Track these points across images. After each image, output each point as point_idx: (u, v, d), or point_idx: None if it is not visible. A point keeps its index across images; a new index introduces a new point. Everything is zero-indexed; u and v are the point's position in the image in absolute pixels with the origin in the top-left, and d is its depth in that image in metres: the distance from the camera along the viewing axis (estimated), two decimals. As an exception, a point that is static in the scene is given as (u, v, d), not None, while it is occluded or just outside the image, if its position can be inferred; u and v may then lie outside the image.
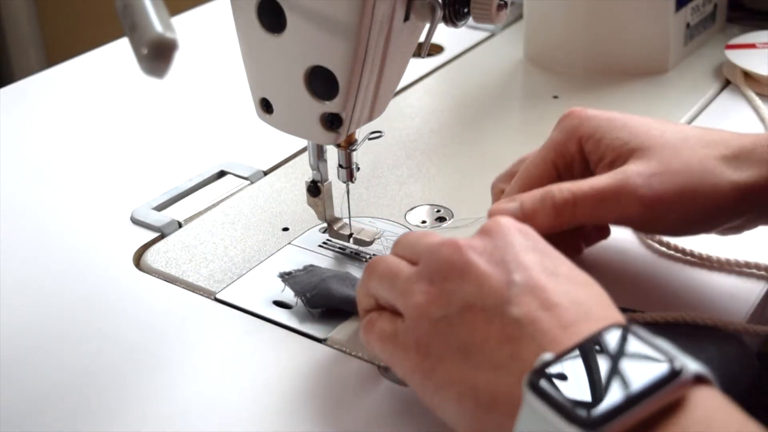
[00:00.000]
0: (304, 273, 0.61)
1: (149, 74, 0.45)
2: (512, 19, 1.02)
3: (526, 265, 0.46)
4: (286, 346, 0.57)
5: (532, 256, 0.47)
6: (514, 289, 0.45)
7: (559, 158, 0.58)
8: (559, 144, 0.59)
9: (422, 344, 0.46)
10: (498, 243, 0.48)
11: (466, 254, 0.47)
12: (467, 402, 0.44)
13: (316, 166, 0.63)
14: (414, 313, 0.47)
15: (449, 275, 0.47)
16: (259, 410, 0.52)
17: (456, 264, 0.47)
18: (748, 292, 0.60)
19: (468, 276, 0.46)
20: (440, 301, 0.46)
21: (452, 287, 0.46)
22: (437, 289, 0.47)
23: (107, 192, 0.74)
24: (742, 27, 0.97)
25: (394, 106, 0.85)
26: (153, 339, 0.58)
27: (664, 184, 0.54)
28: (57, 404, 0.53)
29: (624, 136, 0.56)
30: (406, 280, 0.48)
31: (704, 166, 0.55)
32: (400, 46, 0.57)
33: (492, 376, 0.44)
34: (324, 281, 0.59)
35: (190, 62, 0.95)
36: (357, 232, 0.65)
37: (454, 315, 0.46)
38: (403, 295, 0.48)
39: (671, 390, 0.39)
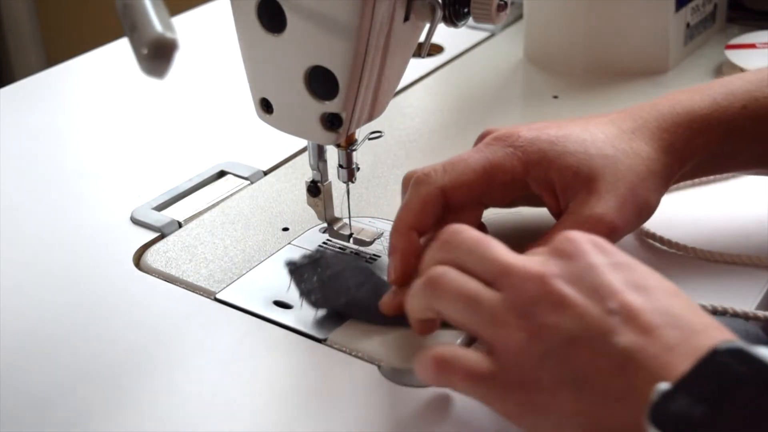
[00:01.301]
0: (309, 264, 0.59)
1: (149, 74, 0.45)
2: (512, 19, 1.02)
3: (616, 287, 0.45)
4: (286, 346, 0.57)
5: (617, 276, 0.46)
6: (613, 318, 0.44)
7: (498, 174, 0.58)
8: (502, 162, 0.58)
9: (530, 381, 0.45)
10: (580, 265, 0.46)
11: (556, 286, 0.45)
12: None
13: (316, 166, 0.63)
14: (514, 349, 0.45)
15: (544, 310, 0.45)
16: (259, 410, 0.52)
17: (548, 298, 0.45)
18: (754, 285, 0.60)
19: (564, 309, 0.45)
20: (542, 336, 0.45)
21: (551, 321, 0.45)
22: (535, 324, 0.45)
23: (107, 192, 0.74)
24: (742, 27, 0.97)
25: (394, 106, 0.85)
26: (153, 339, 0.58)
27: (628, 212, 0.57)
28: (57, 404, 0.53)
29: (572, 165, 0.58)
30: (493, 312, 0.46)
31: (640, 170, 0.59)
32: (400, 46, 0.57)
33: (610, 408, 0.43)
34: (332, 281, 0.58)
35: (190, 62, 0.95)
36: (357, 232, 0.65)
37: (558, 349, 0.44)
38: (494, 327, 0.46)
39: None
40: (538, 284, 0.46)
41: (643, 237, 0.65)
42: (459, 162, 0.58)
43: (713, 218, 0.67)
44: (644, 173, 0.58)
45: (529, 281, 0.46)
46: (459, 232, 0.50)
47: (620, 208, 0.57)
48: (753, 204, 0.68)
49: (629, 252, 0.63)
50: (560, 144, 0.58)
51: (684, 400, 0.40)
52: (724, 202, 0.69)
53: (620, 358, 0.43)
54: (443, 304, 0.49)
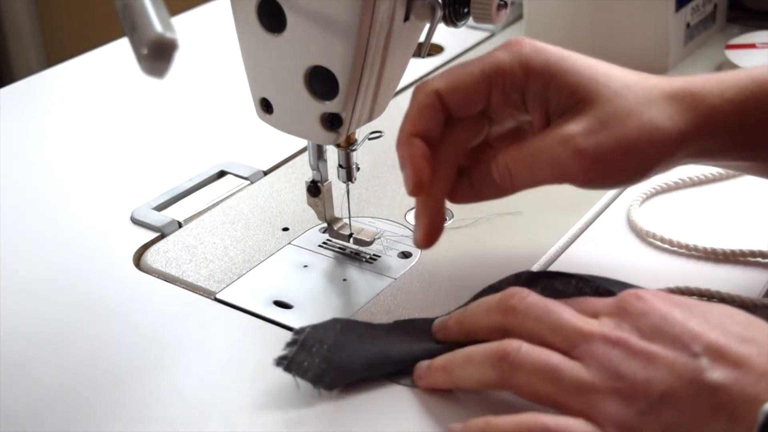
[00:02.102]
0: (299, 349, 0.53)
1: (149, 74, 0.45)
2: (512, 19, 1.01)
3: (696, 331, 0.45)
4: (286, 346, 0.57)
5: (693, 320, 0.46)
6: (702, 360, 0.44)
7: (498, 77, 0.55)
8: (503, 64, 0.55)
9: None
10: (655, 320, 0.46)
11: (639, 345, 0.46)
12: None
13: (316, 166, 0.63)
14: (612, 413, 0.45)
15: (632, 369, 0.45)
16: (259, 410, 0.52)
17: (634, 358, 0.45)
18: (756, 282, 0.60)
19: (653, 363, 0.45)
20: (637, 394, 0.45)
21: (642, 378, 0.45)
22: (628, 385, 0.45)
23: (107, 192, 0.74)
24: (742, 27, 0.97)
25: (394, 106, 0.85)
26: (153, 339, 0.58)
27: (603, 141, 0.53)
28: (57, 404, 0.53)
29: (571, 84, 0.54)
30: (580, 380, 0.46)
31: (644, 116, 0.53)
32: (400, 46, 0.57)
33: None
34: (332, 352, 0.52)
35: (190, 62, 0.95)
36: (357, 232, 0.65)
37: (656, 403, 0.44)
38: (583, 394, 0.46)
39: None
40: (621, 347, 0.46)
41: (645, 237, 0.65)
42: (458, 66, 0.56)
43: (714, 217, 0.67)
44: (649, 127, 0.53)
45: (612, 346, 0.46)
46: (525, 297, 0.50)
47: (598, 138, 0.53)
48: (753, 203, 0.68)
49: (630, 250, 0.64)
50: (568, 61, 0.55)
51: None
52: (724, 202, 0.69)
53: (718, 394, 0.43)
54: (521, 378, 0.47)
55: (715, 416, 0.43)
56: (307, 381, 0.51)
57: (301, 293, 0.61)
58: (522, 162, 0.54)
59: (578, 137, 0.53)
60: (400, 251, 0.65)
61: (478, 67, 0.55)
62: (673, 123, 0.54)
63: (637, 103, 0.54)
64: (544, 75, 0.54)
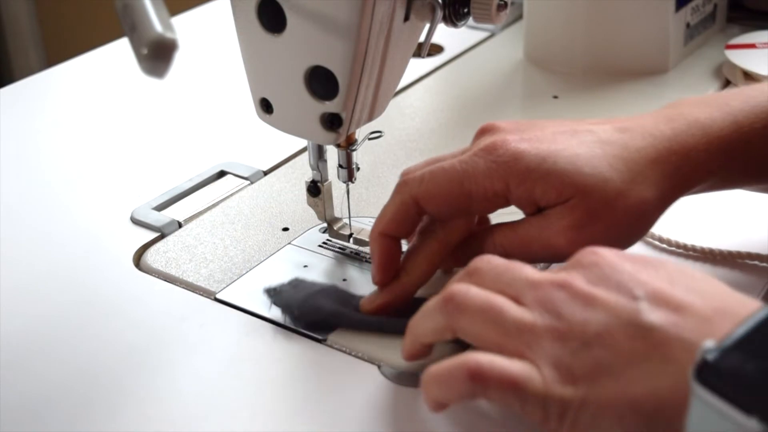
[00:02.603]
0: (290, 288, 0.59)
1: (149, 74, 0.46)
2: (512, 19, 1.02)
3: (643, 280, 0.46)
4: (286, 346, 0.57)
5: (645, 273, 0.46)
6: (641, 302, 0.44)
7: (476, 188, 0.55)
8: (480, 176, 0.55)
9: (567, 380, 0.45)
10: (604, 270, 0.47)
11: (584, 287, 0.46)
12: (630, 418, 0.43)
13: (316, 166, 0.63)
14: (548, 354, 0.45)
15: (572, 310, 0.46)
16: (259, 410, 0.52)
17: (575, 299, 0.46)
18: (755, 283, 0.60)
19: (592, 305, 0.45)
20: (573, 333, 0.45)
21: (581, 318, 0.45)
22: (566, 324, 0.45)
23: (107, 192, 0.74)
24: (742, 27, 0.97)
25: (394, 106, 0.85)
26: (153, 339, 0.58)
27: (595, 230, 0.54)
28: (57, 403, 0.53)
29: (556, 186, 0.54)
30: (521, 321, 0.46)
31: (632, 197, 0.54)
32: (400, 46, 0.57)
33: (649, 386, 0.43)
34: (312, 297, 0.58)
35: (190, 62, 0.95)
36: (357, 232, 0.65)
37: (592, 342, 0.45)
38: (523, 335, 0.46)
39: None
40: (564, 289, 0.46)
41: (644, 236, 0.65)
42: (439, 172, 0.56)
43: (714, 217, 0.67)
44: (636, 205, 0.55)
45: (555, 288, 0.47)
46: (491, 260, 0.51)
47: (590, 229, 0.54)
48: (753, 203, 0.68)
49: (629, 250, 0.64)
50: (549, 161, 0.55)
51: (733, 356, 0.38)
52: (724, 202, 0.69)
53: (654, 335, 0.43)
54: (465, 320, 0.48)
55: (647, 357, 0.43)
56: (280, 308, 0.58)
57: (301, 293, 0.61)
58: (516, 245, 0.56)
59: (570, 231, 0.54)
60: (400, 251, 0.65)
61: (458, 176, 0.56)
62: (660, 190, 0.55)
63: (623, 183, 0.55)
64: (527, 183, 0.55)
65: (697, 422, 0.38)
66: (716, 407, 0.37)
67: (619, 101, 0.85)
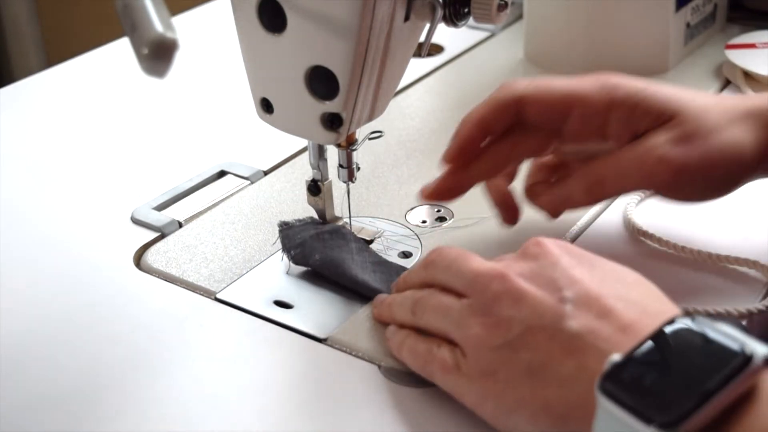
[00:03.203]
0: (300, 226, 0.64)
1: (150, 74, 0.46)
2: (512, 19, 1.02)
3: (576, 278, 0.48)
4: (286, 346, 0.57)
5: (579, 270, 0.48)
6: (567, 304, 0.46)
7: (580, 103, 0.58)
8: (587, 92, 0.58)
9: (488, 372, 0.48)
10: (543, 263, 0.49)
11: (517, 282, 0.48)
12: (542, 418, 0.46)
13: (317, 165, 0.63)
14: (473, 343, 0.49)
15: (503, 304, 0.48)
16: (259, 410, 0.52)
17: (508, 293, 0.48)
18: (750, 288, 0.60)
19: (522, 302, 0.47)
20: (499, 329, 0.48)
21: (509, 314, 0.48)
22: (494, 319, 0.48)
23: (107, 192, 0.74)
24: (742, 27, 0.97)
25: (394, 106, 0.85)
26: (153, 339, 0.58)
27: (689, 153, 0.56)
28: (57, 404, 0.53)
29: (657, 107, 0.58)
30: (459, 314, 0.50)
31: (726, 134, 0.57)
32: (400, 46, 0.57)
33: (562, 390, 0.45)
34: (311, 240, 0.62)
35: (190, 62, 0.95)
36: (357, 231, 0.65)
37: (515, 339, 0.47)
38: (460, 327, 0.50)
39: (745, 378, 0.39)
40: (499, 282, 0.49)
41: (637, 235, 0.65)
42: (547, 81, 0.60)
43: (713, 219, 0.67)
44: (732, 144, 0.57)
45: (492, 280, 0.49)
46: (440, 252, 0.54)
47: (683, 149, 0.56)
48: (753, 207, 0.68)
49: (622, 248, 0.64)
50: (651, 89, 0.58)
51: (635, 368, 0.41)
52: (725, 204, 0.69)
53: (572, 341, 0.45)
54: (426, 318, 0.52)
55: (563, 360, 0.45)
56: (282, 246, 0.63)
57: (301, 293, 0.61)
58: (612, 169, 0.58)
59: (665, 146, 0.56)
60: (400, 251, 0.65)
61: (564, 88, 0.59)
62: (755, 140, 0.57)
63: (719, 121, 0.57)
64: (629, 103, 0.58)
65: (602, 429, 0.41)
66: (618, 417, 0.39)
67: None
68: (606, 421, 0.40)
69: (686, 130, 0.56)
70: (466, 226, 0.67)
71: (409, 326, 0.54)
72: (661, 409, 0.39)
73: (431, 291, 0.53)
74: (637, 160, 0.57)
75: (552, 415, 0.45)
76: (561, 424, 0.45)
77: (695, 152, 0.56)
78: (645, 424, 0.38)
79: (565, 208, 0.62)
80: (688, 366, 0.40)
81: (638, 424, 0.39)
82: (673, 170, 0.56)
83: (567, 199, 0.61)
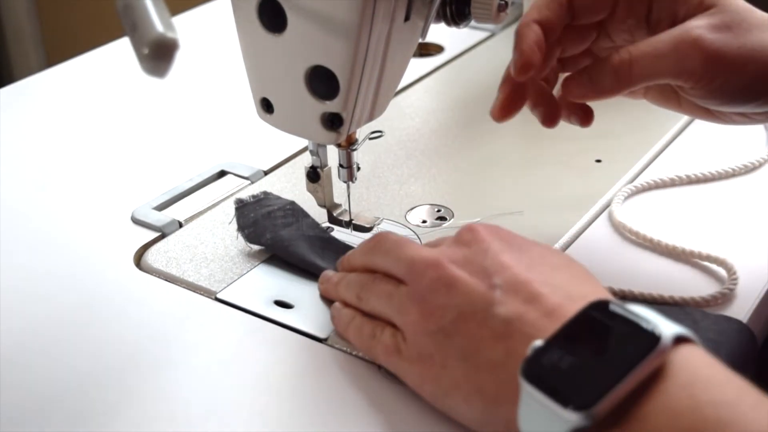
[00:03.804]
0: (254, 203, 0.66)
1: (150, 74, 0.46)
2: (512, 19, 1.02)
3: (506, 265, 0.50)
4: (286, 346, 0.57)
5: (509, 256, 0.50)
6: (497, 291, 0.49)
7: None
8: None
9: (425, 356, 0.50)
10: (475, 250, 0.51)
11: (450, 270, 0.51)
12: (475, 401, 0.48)
13: (316, 151, 0.62)
14: (412, 329, 0.51)
15: (436, 293, 0.50)
16: (259, 410, 0.52)
17: (441, 281, 0.50)
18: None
19: (455, 289, 0.50)
20: (434, 316, 0.50)
21: (442, 302, 0.50)
22: (429, 306, 0.50)
23: (107, 192, 0.74)
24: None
25: (394, 106, 0.85)
26: (153, 339, 0.58)
27: (725, 41, 0.54)
28: (57, 404, 0.53)
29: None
30: (399, 300, 0.52)
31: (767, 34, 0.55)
32: (400, 46, 0.57)
33: (493, 374, 0.47)
34: (263, 219, 0.64)
35: (190, 62, 0.95)
36: (356, 217, 0.65)
37: (448, 326, 0.49)
38: (400, 313, 0.52)
39: (653, 358, 0.41)
40: (433, 270, 0.51)
41: (622, 231, 0.66)
42: None
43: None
44: None
45: (428, 269, 0.51)
46: (382, 238, 0.56)
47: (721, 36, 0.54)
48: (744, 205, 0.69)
49: (618, 250, 0.64)
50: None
51: (555, 353, 0.43)
52: (720, 202, 0.69)
53: (501, 326, 0.47)
54: (371, 302, 0.55)
55: (493, 345, 0.47)
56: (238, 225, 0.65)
57: (302, 293, 0.61)
58: (644, 49, 0.56)
59: (702, 29, 0.54)
60: (401, 251, 0.65)
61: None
62: None
63: (763, 20, 0.56)
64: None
65: (526, 411, 0.43)
66: (539, 400, 0.41)
67: (619, 101, 0.85)
68: (529, 404, 0.42)
69: (727, 20, 0.55)
70: (466, 226, 0.67)
71: (354, 308, 0.56)
72: (577, 391, 0.41)
73: (375, 277, 0.55)
74: (673, 41, 0.55)
75: (484, 398, 0.47)
76: (492, 406, 0.47)
77: (733, 42, 0.54)
78: (562, 406, 0.40)
79: (592, 97, 0.58)
80: (603, 348, 0.42)
81: (556, 407, 0.41)
82: (708, 55, 0.54)
83: (594, 86, 0.57)
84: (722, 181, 0.72)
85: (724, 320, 0.56)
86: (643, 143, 0.77)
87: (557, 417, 0.40)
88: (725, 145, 0.77)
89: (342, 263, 0.60)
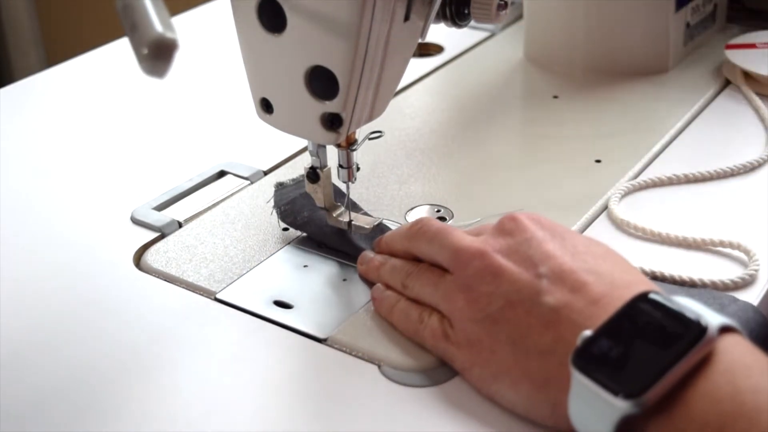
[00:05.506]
0: (293, 186, 0.69)
1: (149, 74, 0.46)
2: (512, 19, 1.02)
3: (550, 254, 0.51)
4: (286, 346, 0.57)
5: (553, 245, 0.52)
6: (543, 280, 0.50)
7: None
8: None
9: (474, 341, 0.52)
10: (519, 239, 0.53)
11: (495, 259, 0.52)
12: (523, 386, 0.49)
13: (316, 152, 0.62)
14: (458, 315, 0.53)
15: (483, 281, 0.52)
16: (259, 410, 0.52)
17: (488, 270, 0.52)
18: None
19: (501, 278, 0.51)
20: (480, 303, 0.51)
21: (489, 290, 0.51)
22: (475, 294, 0.52)
23: (107, 192, 0.74)
24: (742, 27, 0.97)
25: (394, 106, 0.85)
26: (153, 339, 0.58)
27: None
28: (57, 404, 0.53)
29: None
30: (446, 290, 0.54)
31: None
32: (400, 46, 0.57)
33: (541, 360, 0.49)
34: (301, 197, 0.66)
35: (190, 62, 0.95)
36: (356, 219, 0.65)
37: (495, 313, 0.51)
38: (446, 300, 0.54)
39: (701, 347, 0.43)
40: (479, 260, 0.52)
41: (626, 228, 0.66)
42: None
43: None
44: None
45: (473, 259, 0.53)
46: (425, 224, 0.58)
47: None
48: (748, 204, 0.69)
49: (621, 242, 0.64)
50: None
51: (603, 343, 0.45)
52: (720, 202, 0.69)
53: (549, 315, 0.49)
54: (416, 289, 0.56)
55: (541, 333, 0.49)
56: (273, 203, 0.67)
57: (301, 293, 0.61)
58: None
59: None
60: (400, 251, 0.65)
61: None
62: None
63: None
64: None
65: (576, 399, 0.45)
66: (590, 388, 0.43)
67: (619, 101, 0.85)
68: (579, 392, 0.44)
69: None
70: (466, 226, 0.67)
71: (397, 291, 0.58)
72: (626, 380, 0.43)
73: (420, 267, 0.57)
74: None
75: (533, 383, 0.49)
76: (540, 391, 0.49)
77: None
78: (612, 395, 0.42)
79: None
80: (651, 338, 0.44)
81: (607, 395, 0.43)
82: None
83: None
84: (722, 181, 0.72)
85: (751, 309, 0.57)
86: (642, 143, 0.77)
87: (607, 405, 0.42)
88: (725, 145, 0.77)
89: (380, 244, 0.62)
